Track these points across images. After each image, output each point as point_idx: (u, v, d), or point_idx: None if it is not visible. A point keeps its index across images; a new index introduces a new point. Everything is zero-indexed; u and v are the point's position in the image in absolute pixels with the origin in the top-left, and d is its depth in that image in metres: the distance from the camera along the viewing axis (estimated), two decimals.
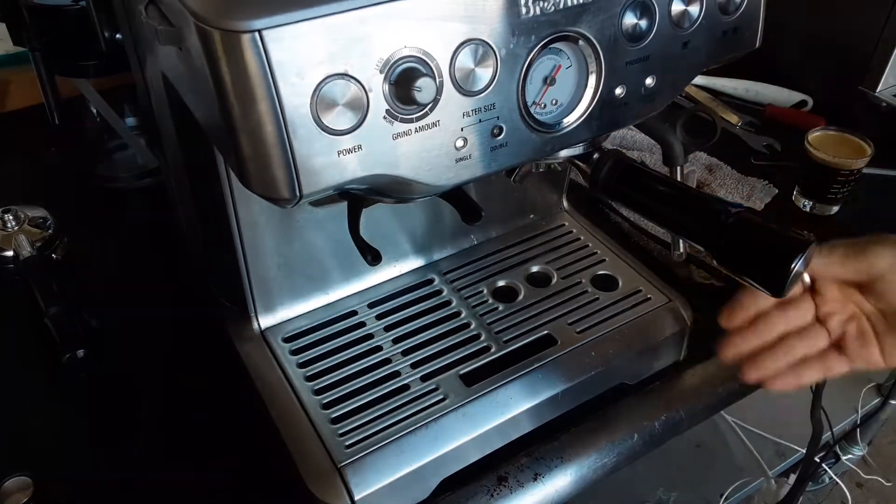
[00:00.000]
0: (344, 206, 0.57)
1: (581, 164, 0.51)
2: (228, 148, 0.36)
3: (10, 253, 0.73)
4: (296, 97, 0.34)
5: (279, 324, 0.61)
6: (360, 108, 0.36)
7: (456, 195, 0.52)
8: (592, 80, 0.43)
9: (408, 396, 0.56)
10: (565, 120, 0.43)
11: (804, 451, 1.33)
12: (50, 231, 0.76)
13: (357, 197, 0.50)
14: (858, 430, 1.44)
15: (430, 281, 0.67)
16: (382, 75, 0.35)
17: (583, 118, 0.43)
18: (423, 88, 0.35)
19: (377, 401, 0.56)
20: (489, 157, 0.41)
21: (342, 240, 0.60)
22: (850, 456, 1.49)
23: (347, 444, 0.52)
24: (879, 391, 1.43)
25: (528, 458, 0.59)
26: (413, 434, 0.53)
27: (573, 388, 0.58)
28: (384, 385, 0.57)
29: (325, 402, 0.55)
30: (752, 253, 0.45)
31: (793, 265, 0.43)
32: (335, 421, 0.54)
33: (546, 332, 0.61)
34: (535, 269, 0.67)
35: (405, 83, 0.36)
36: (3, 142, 0.89)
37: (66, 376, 0.63)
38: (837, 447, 1.46)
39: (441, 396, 0.56)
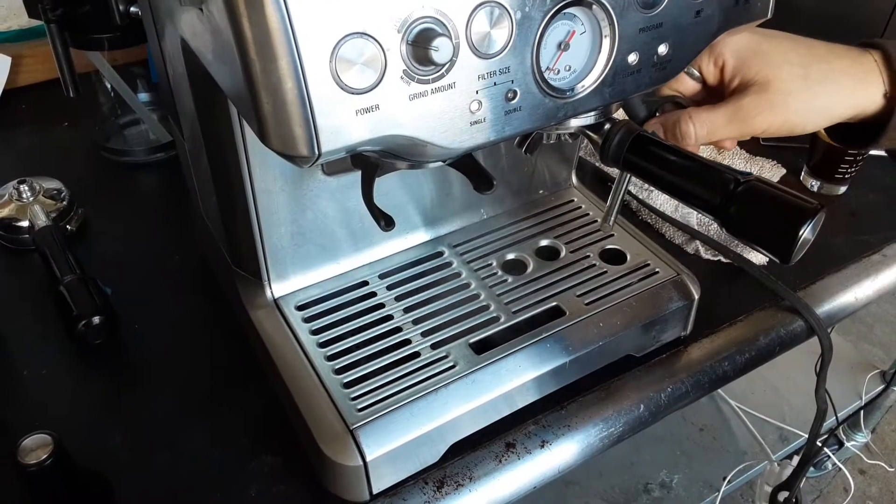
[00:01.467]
0: (356, 176, 0.58)
1: (592, 134, 0.52)
2: (249, 107, 0.37)
3: (25, 223, 0.75)
4: (315, 55, 0.35)
5: (292, 292, 0.62)
6: (378, 68, 0.36)
7: (468, 164, 0.53)
8: (606, 46, 0.43)
9: (418, 363, 0.57)
10: (578, 86, 0.44)
11: (807, 435, 1.34)
12: (64, 202, 0.78)
13: (371, 163, 0.51)
14: (862, 416, 1.45)
15: (440, 253, 0.67)
16: (400, 35, 0.36)
17: (595, 85, 0.44)
18: (440, 48, 0.36)
19: (388, 367, 0.56)
20: (503, 121, 0.42)
21: (354, 210, 0.62)
22: (853, 442, 1.50)
23: (359, 407, 0.53)
24: (883, 377, 1.44)
25: (535, 426, 0.60)
26: (423, 399, 0.54)
27: (581, 358, 0.59)
28: (395, 352, 0.58)
29: (337, 367, 0.56)
30: (760, 220, 0.46)
31: (801, 231, 0.44)
32: (347, 385, 0.55)
33: (554, 303, 0.62)
34: (544, 242, 0.68)
35: (422, 43, 0.36)
36: (17, 116, 0.90)
37: (81, 343, 0.64)
38: (841, 432, 1.47)
39: (451, 364, 0.57)
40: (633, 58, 0.44)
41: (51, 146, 0.85)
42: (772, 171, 0.85)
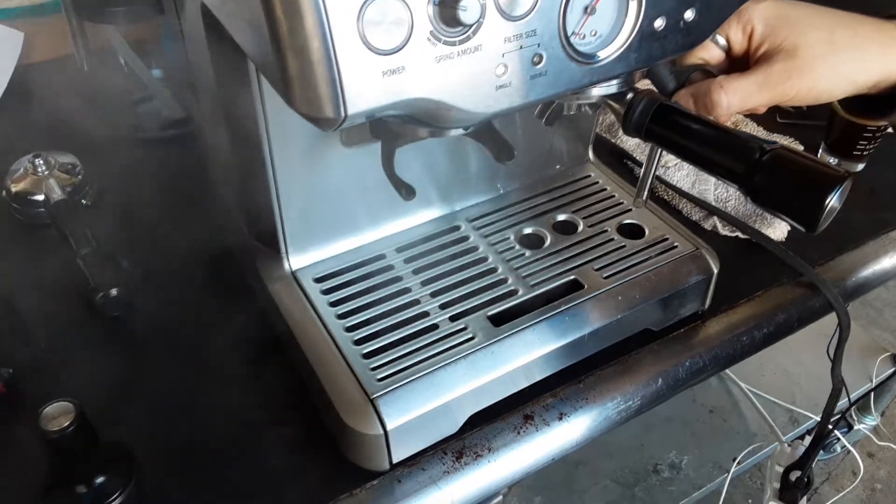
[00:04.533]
0: (374, 147, 0.58)
1: (614, 103, 0.51)
2: (275, 69, 0.37)
3: (40, 197, 0.75)
4: (343, 14, 0.34)
5: (309, 265, 0.62)
6: (405, 28, 0.36)
7: (489, 133, 0.52)
8: (633, 10, 0.43)
9: (437, 335, 0.57)
10: (604, 51, 0.43)
11: (817, 418, 1.33)
12: (79, 177, 0.78)
13: (391, 132, 0.51)
14: (872, 399, 1.45)
15: (457, 227, 0.67)
16: None
17: (622, 50, 0.43)
18: (468, 8, 0.36)
19: (407, 338, 0.56)
20: (528, 85, 0.41)
21: (371, 182, 0.61)
22: (862, 425, 1.49)
23: (379, 377, 0.53)
24: (894, 360, 1.44)
25: (553, 399, 0.60)
26: (443, 369, 0.54)
27: (599, 331, 0.59)
28: (414, 324, 0.58)
29: (356, 338, 0.56)
30: (787, 188, 0.45)
31: (827, 199, 0.43)
32: (367, 356, 0.55)
33: (573, 277, 0.62)
34: (561, 217, 0.68)
35: (450, 3, 0.36)
36: (30, 91, 0.90)
37: (99, 315, 0.65)
38: (852, 413, 1.47)
39: (470, 335, 0.57)
40: (659, 23, 0.44)
41: (64, 122, 0.85)
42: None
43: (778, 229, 0.73)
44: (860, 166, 0.83)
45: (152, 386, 0.61)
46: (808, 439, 1.10)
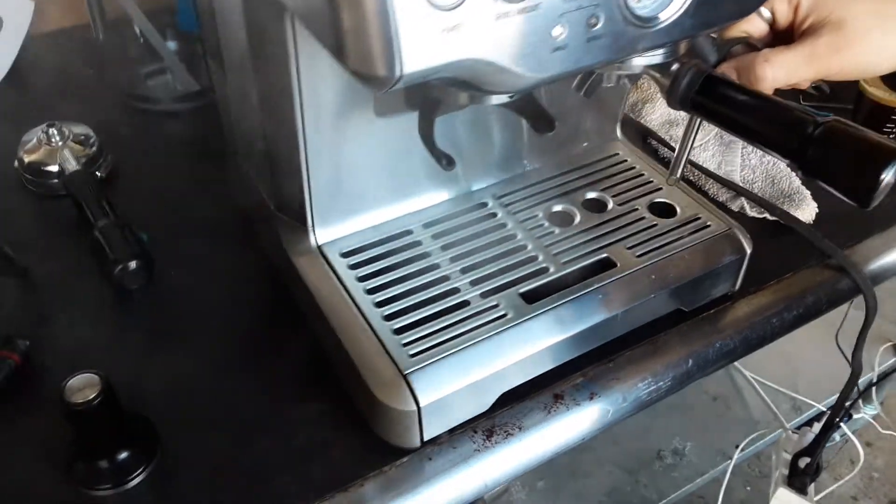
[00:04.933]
0: (406, 118, 0.56)
1: (659, 74, 0.50)
2: (325, 22, 0.35)
3: (54, 168, 0.73)
4: None
5: (335, 239, 0.61)
6: None
7: (530, 103, 0.51)
8: None
9: (469, 311, 0.56)
10: (662, 14, 0.42)
11: (820, 405, 1.34)
12: (94, 148, 0.76)
13: (431, 100, 0.49)
14: (874, 388, 1.45)
15: (484, 204, 0.66)
16: None
17: (678, 14, 0.42)
18: None
19: (439, 314, 0.55)
20: (584, 48, 0.40)
21: (400, 156, 0.60)
22: (862, 414, 1.50)
23: (412, 353, 0.52)
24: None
25: (583, 378, 0.59)
26: (476, 346, 0.53)
27: (632, 310, 0.58)
28: (445, 300, 0.56)
29: (386, 314, 0.55)
30: (840, 162, 0.44)
31: (883, 175, 0.42)
32: (398, 332, 0.54)
33: (605, 255, 0.60)
34: (590, 195, 0.67)
35: None
36: (42, 61, 0.88)
37: (118, 289, 0.63)
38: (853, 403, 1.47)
39: (502, 312, 0.55)
40: None
41: (77, 93, 0.83)
42: None
43: (806, 211, 0.72)
44: None
45: (174, 361, 0.60)
46: (816, 426, 1.10)
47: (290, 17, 0.45)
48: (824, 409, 1.31)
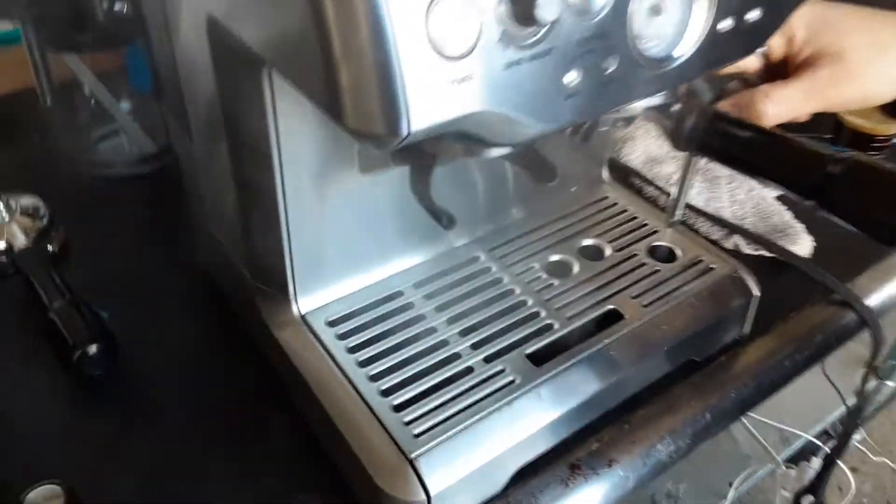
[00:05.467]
0: (390, 175, 0.52)
1: (660, 116, 0.47)
2: (318, 78, 0.31)
3: (1, 245, 0.66)
4: (407, 12, 0.29)
5: (320, 307, 0.56)
6: (475, 28, 0.31)
7: (529, 153, 0.47)
8: (702, 8, 0.39)
9: (473, 379, 0.51)
10: (672, 54, 0.39)
11: (808, 436, 1.31)
12: (44, 221, 0.69)
13: (425, 155, 0.45)
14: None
15: (476, 258, 0.62)
16: None
17: (689, 54, 0.39)
18: (546, 4, 0.31)
19: (440, 385, 0.50)
20: (598, 93, 0.37)
21: (385, 214, 0.56)
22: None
23: (416, 432, 0.47)
24: (877, 373, 1.43)
25: (599, 444, 0.54)
26: (486, 419, 0.48)
27: (647, 364, 0.54)
28: (445, 368, 0.52)
29: (383, 388, 0.50)
30: (865, 201, 0.42)
31: None
32: (398, 408, 0.49)
33: (610, 306, 0.57)
34: (586, 242, 0.63)
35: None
36: None
37: (78, 376, 0.57)
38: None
39: (510, 378, 0.51)
40: (726, 23, 0.40)
41: (26, 160, 0.77)
42: None
43: (803, 245, 0.70)
44: None
45: (145, 455, 0.53)
46: (814, 460, 1.07)
47: (267, 72, 0.41)
48: (815, 441, 1.29)
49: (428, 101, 0.31)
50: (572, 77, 0.35)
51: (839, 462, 1.45)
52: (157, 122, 0.77)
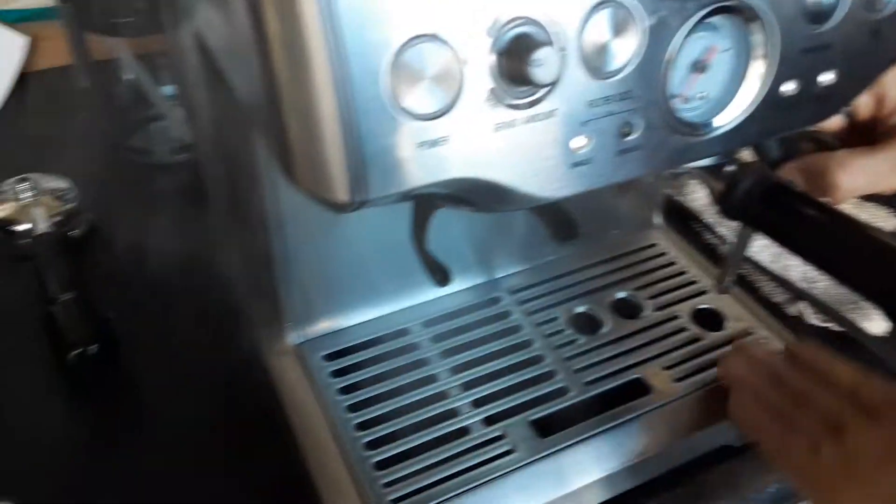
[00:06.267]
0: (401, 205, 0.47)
1: (710, 178, 0.41)
2: (271, 132, 0.27)
3: (24, 227, 0.66)
4: (367, 64, 0.24)
5: (318, 338, 0.52)
6: (454, 85, 0.26)
7: (550, 207, 0.41)
8: (758, 69, 0.32)
9: (467, 443, 0.46)
10: (716, 120, 0.32)
11: None
12: (71, 205, 0.68)
13: (427, 201, 0.40)
14: None
15: (497, 300, 0.56)
16: (491, 40, 0.25)
17: (739, 119, 0.33)
18: (544, 63, 0.25)
19: (430, 445, 0.46)
20: (614, 163, 0.31)
21: (396, 242, 0.51)
22: None
23: (392, 498, 0.43)
24: None
25: None
26: (472, 493, 0.43)
27: (670, 450, 0.48)
28: (439, 425, 0.47)
29: (368, 440, 0.46)
30: None
31: None
32: (379, 467, 0.45)
33: (636, 375, 0.50)
34: (621, 295, 0.57)
35: (518, 54, 0.25)
36: (31, 103, 0.82)
37: (71, 376, 0.55)
38: None
39: (508, 447, 0.46)
40: (790, 87, 0.33)
41: (64, 140, 0.76)
42: (886, 221, 0.73)
43: (877, 322, 0.61)
44: None
45: (130, 472, 0.51)
46: None
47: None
48: None
49: (387, 168, 0.26)
50: (582, 143, 0.29)
51: None
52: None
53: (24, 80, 0.81)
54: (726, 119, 0.32)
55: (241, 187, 0.44)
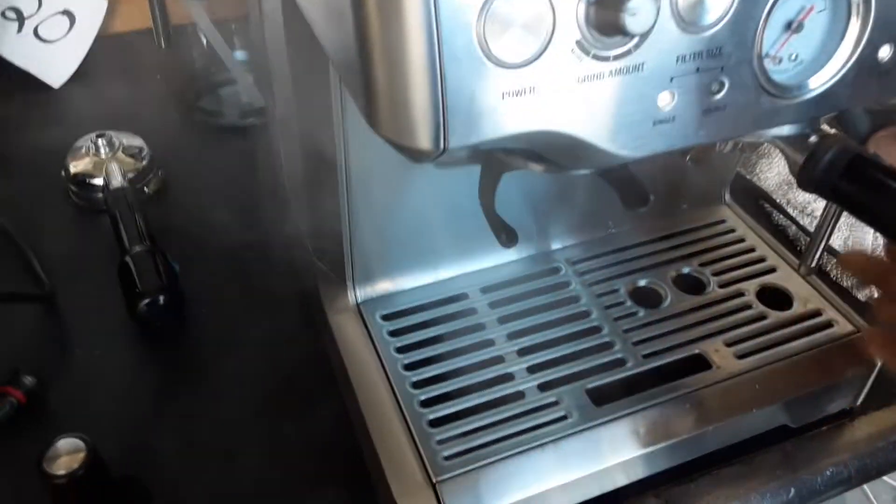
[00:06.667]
0: (469, 169, 0.47)
1: (790, 148, 0.39)
2: (356, 77, 0.27)
3: (99, 181, 0.68)
4: (459, 9, 0.24)
5: (378, 297, 0.53)
6: (543, 34, 0.26)
7: (622, 174, 0.41)
8: (854, 30, 0.31)
9: (522, 406, 0.46)
10: (809, 82, 0.31)
11: None
12: (144, 162, 0.71)
13: (497, 162, 0.40)
14: None
15: (557, 270, 0.56)
16: None
17: (831, 82, 0.32)
18: (638, 12, 0.25)
19: (485, 406, 0.46)
20: (698, 122, 0.30)
21: (460, 207, 0.51)
22: None
23: (447, 454, 0.43)
24: None
25: (656, 500, 0.48)
26: (526, 455, 0.44)
27: (726, 426, 0.47)
28: (494, 388, 0.47)
29: (423, 398, 0.47)
30: None
31: None
32: (434, 424, 0.45)
33: (697, 351, 0.50)
34: (685, 270, 0.56)
35: (613, 2, 0.25)
36: (108, 64, 0.84)
37: (142, 324, 0.57)
38: None
39: (563, 413, 0.46)
40: (885, 51, 0.32)
41: (139, 100, 0.79)
42: None
43: None
44: None
45: (187, 415, 0.53)
46: None
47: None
48: None
49: (470, 116, 0.26)
50: (666, 100, 0.29)
51: None
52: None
53: (103, 42, 0.84)
54: (818, 83, 0.31)
55: (316, 147, 0.45)
